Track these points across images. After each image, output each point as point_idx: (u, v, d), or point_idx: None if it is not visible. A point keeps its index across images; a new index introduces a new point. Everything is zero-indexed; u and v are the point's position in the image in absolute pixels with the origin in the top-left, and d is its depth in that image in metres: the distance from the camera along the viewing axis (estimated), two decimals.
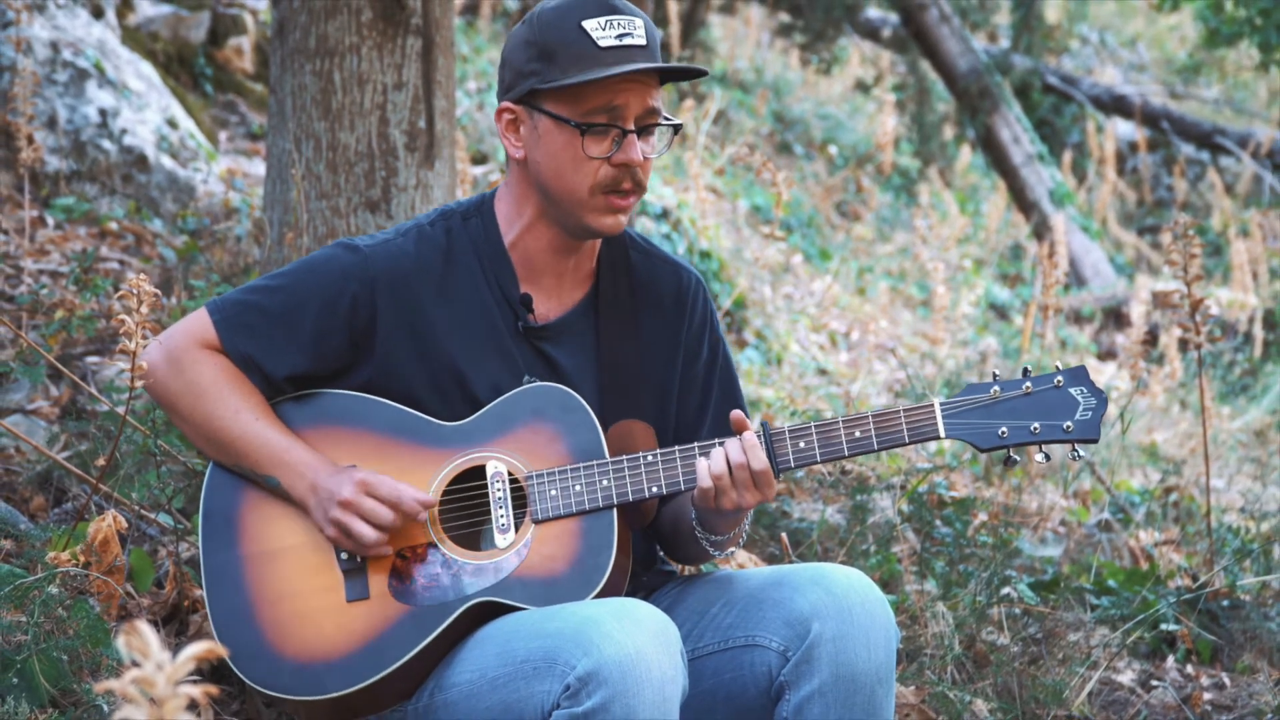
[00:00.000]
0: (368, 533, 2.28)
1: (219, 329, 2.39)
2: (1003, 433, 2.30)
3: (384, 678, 2.27)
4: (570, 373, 2.43)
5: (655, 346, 2.50)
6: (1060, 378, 2.32)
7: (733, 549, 2.45)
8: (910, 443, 2.31)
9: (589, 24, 2.29)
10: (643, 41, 2.31)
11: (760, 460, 2.27)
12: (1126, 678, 3.66)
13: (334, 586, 2.31)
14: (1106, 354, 9.04)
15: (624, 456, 2.32)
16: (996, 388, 2.32)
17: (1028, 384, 2.31)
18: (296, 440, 2.35)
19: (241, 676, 2.30)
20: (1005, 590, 3.59)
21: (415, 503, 2.30)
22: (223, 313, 2.40)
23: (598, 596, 2.26)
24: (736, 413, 2.32)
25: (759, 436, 2.30)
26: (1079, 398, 2.31)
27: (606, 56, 2.28)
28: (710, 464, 2.28)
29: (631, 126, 2.32)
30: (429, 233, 2.44)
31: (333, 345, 2.39)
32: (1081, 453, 2.33)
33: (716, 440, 2.32)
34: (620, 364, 2.45)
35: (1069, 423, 2.30)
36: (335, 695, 2.27)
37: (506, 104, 2.38)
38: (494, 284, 2.43)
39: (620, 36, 2.30)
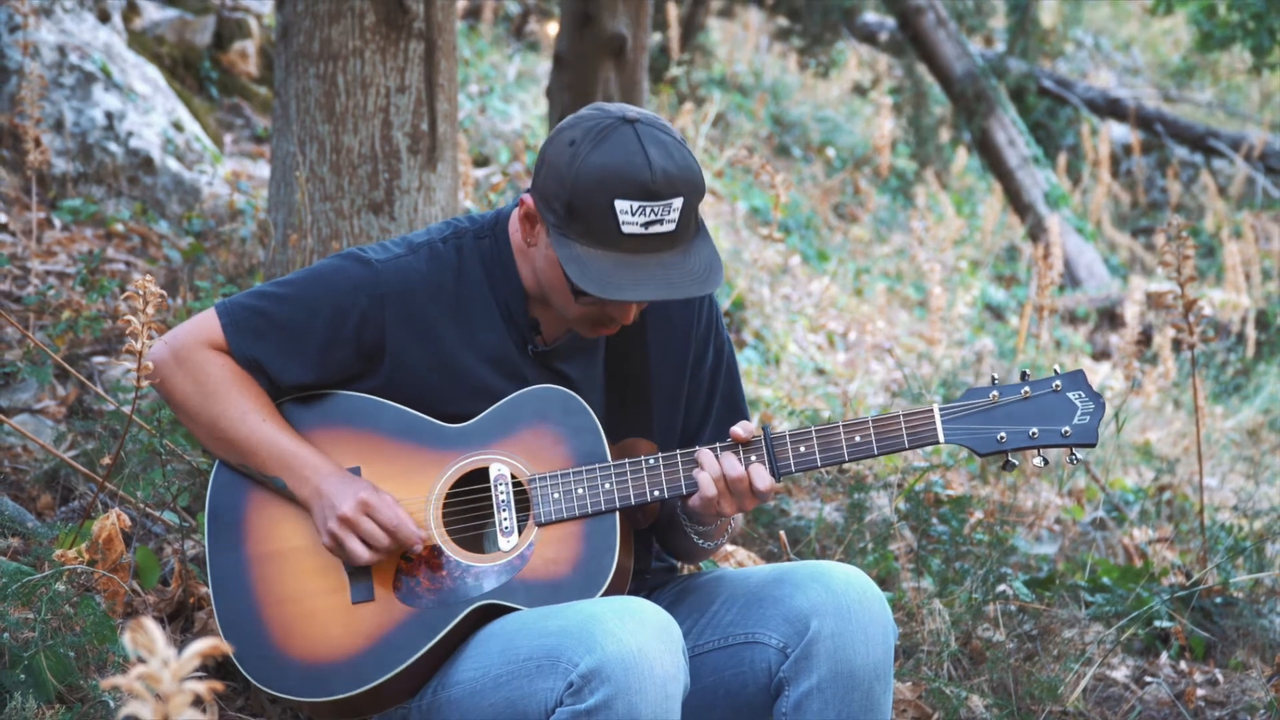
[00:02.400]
0: (361, 552, 2.29)
1: (227, 332, 2.39)
2: (1001, 437, 2.30)
3: (388, 680, 2.28)
4: (581, 385, 2.43)
5: (664, 354, 2.50)
6: (1058, 382, 2.32)
7: (721, 540, 2.46)
8: (910, 448, 2.31)
9: (621, 205, 2.21)
10: (671, 228, 2.24)
11: (764, 479, 2.28)
12: (1121, 674, 3.68)
13: (339, 588, 2.32)
14: (1101, 354, 9.08)
15: (626, 460, 2.33)
16: (995, 392, 2.32)
17: (1026, 388, 2.32)
18: (303, 443, 2.36)
19: (248, 677, 2.32)
20: (1001, 587, 3.61)
21: (413, 534, 2.30)
22: (231, 316, 2.39)
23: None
24: (736, 428, 2.32)
25: (759, 440, 2.32)
26: (1077, 402, 2.31)
27: (625, 243, 2.22)
28: (711, 474, 2.29)
29: (630, 318, 2.34)
30: (441, 250, 2.42)
31: (339, 358, 2.38)
32: (1080, 456, 2.34)
33: (719, 444, 2.33)
34: (628, 376, 2.46)
35: (1067, 428, 2.30)
36: (341, 697, 2.29)
37: (530, 198, 2.33)
38: (503, 306, 2.42)
39: (648, 225, 2.22)
